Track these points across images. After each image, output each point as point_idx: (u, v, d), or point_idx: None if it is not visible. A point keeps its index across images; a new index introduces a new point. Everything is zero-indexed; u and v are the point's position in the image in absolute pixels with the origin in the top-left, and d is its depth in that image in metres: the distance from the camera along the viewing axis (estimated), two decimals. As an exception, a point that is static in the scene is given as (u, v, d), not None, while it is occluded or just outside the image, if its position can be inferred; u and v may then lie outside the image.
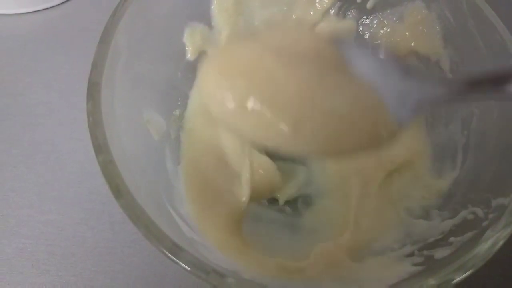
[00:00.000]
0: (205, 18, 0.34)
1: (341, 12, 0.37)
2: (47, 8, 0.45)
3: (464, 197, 0.28)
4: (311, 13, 0.37)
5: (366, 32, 0.37)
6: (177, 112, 0.34)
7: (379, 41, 0.36)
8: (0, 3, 0.44)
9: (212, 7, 0.34)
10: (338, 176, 0.34)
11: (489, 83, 0.21)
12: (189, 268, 0.21)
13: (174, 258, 0.21)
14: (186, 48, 0.34)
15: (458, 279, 0.21)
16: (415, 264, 0.25)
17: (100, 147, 0.23)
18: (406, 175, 0.33)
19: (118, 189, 0.22)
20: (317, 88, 0.22)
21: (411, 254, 0.26)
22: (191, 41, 0.34)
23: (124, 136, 0.25)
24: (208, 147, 0.33)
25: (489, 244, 0.23)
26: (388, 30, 0.36)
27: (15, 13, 0.45)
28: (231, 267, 0.24)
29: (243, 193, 0.30)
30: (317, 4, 0.37)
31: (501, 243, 0.23)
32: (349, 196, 0.32)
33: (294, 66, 0.23)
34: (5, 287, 0.32)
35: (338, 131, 0.22)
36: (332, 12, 0.37)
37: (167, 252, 0.21)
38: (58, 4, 0.46)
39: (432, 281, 0.22)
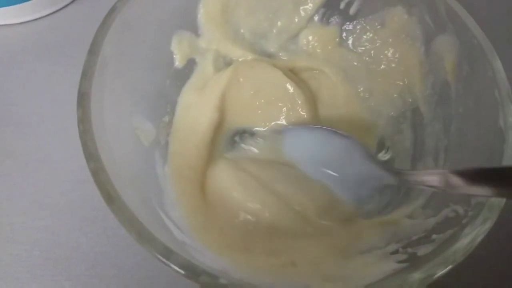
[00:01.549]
0: (192, 26, 0.35)
1: (325, 19, 0.38)
2: (36, 19, 0.46)
3: (446, 196, 0.28)
4: (296, 19, 0.38)
5: (350, 38, 0.38)
6: (166, 118, 0.34)
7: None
8: (-10, 14, 0.44)
9: (199, 16, 0.35)
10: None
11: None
12: (181, 271, 0.21)
13: (166, 261, 0.21)
14: (174, 56, 0.35)
15: (439, 273, 0.22)
16: (399, 261, 0.25)
17: (91, 155, 0.23)
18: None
19: (109, 195, 0.22)
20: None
21: (396, 252, 0.27)
22: (178, 49, 0.35)
23: (114, 143, 0.26)
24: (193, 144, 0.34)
25: (468, 240, 0.23)
26: (371, 35, 0.37)
27: (4, 24, 0.45)
28: (222, 268, 0.25)
29: None
30: (301, 11, 0.38)
31: (479, 238, 0.23)
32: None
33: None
34: (1, 294, 0.33)
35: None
36: (316, 18, 0.38)
37: (159, 256, 0.22)
38: (47, 15, 0.46)
39: (414, 276, 0.22)
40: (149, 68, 0.33)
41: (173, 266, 0.21)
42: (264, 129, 0.36)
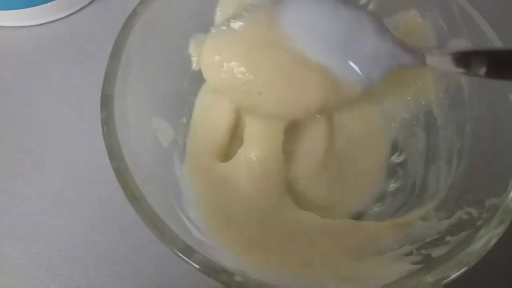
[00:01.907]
0: (209, 29, 0.36)
1: (339, 22, 0.38)
2: (54, 21, 0.47)
3: (460, 198, 0.29)
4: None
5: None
6: (184, 119, 0.35)
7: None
8: (8, 16, 0.45)
9: (216, 19, 0.36)
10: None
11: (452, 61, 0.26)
12: (200, 268, 0.22)
13: (186, 259, 0.22)
14: (192, 58, 0.35)
15: (454, 275, 0.23)
16: (414, 263, 0.26)
17: (115, 155, 0.24)
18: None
19: (133, 194, 0.23)
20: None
21: (410, 253, 0.27)
22: (196, 51, 0.35)
23: (136, 144, 0.26)
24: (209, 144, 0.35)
25: (483, 242, 0.24)
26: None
27: (23, 26, 0.46)
28: (238, 267, 0.25)
29: None
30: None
31: (494, 241, 0.24)
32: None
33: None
34: (21, 291, 0.34)
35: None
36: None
37: (179, 253, 0.22)
38: (64, 17, 0.47)
39: (429, 278, 0.23)
40: (168, 70, 0.33)
41: (193, 263, 0.22)
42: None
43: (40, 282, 0.34)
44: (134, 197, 0.23)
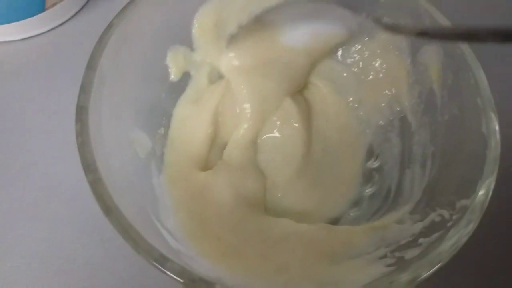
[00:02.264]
0: (186, 41, 0.36)
1: (314, 32, 0.39)
2: (36, 35, 0.47)
3: (433, 201, 0.29)
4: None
5: (339, 50, 0.39)
6: (162, 130, 0.35)
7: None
8: (-11, 32, 0.45)
9: (193, 31, 0.36)
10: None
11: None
12: (176, 277, 0.22)
13: (162, 268, 0.22)
14: (169, 70, 0.36)
15: (425, 275, 0.23)
16: (388, 265, 0.26)
17: (89, 167, 0.24)
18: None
19: (107, 206, 0.23)
20: None
21: (384, 256, 0.28)
22: (174, 63, 0.36)
23: (111, 155, 0.27)
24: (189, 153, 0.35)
25: (453, 241, 0.24)
26: (359, 46, 0.38)
27: (5, 41, 0.46)
28: (216, 275, 0.25)
29: None
30: (291, 26, 0.39)
31: (464, 239, 0.24)
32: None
33: None
34: (1, 306, 0.33)
35: None
36: (305, 32, 0.39)
37: (155, 263, 0.22)
38: (46, 32, 0.47)
39: (402, 278, 0.23)
40: (145, 82, 0.34)
41: (169, 273, 0.22)
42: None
43: (21, 296, 0.34)
44: (108, 209, 0.23)
